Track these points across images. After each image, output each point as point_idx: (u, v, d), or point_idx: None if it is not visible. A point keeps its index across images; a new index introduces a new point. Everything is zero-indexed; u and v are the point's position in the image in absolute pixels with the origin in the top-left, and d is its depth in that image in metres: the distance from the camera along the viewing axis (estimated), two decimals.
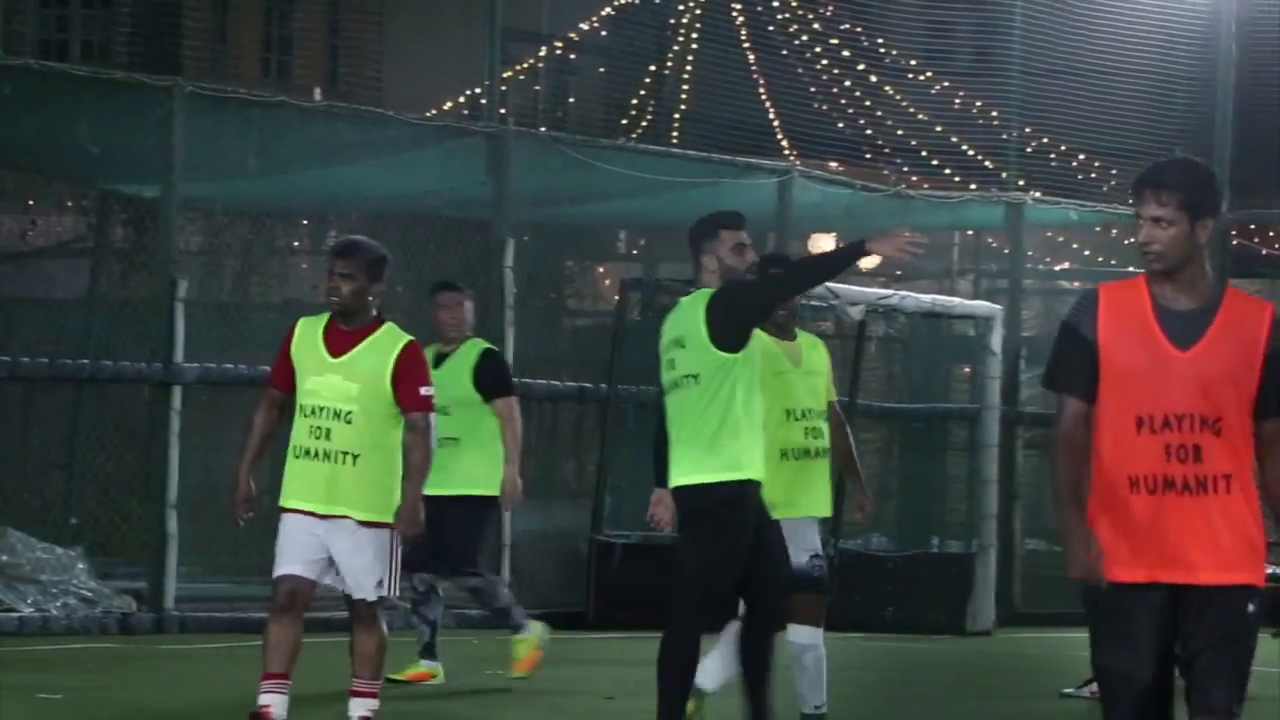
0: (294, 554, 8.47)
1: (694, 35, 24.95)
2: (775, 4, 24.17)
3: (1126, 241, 21.33)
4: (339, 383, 8.34)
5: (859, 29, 23.24)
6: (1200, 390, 5.74)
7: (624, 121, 24.99)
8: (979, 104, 21.88)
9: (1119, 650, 5.74)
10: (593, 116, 27.63)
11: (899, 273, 21.64)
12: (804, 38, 23.66)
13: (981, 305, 18.49)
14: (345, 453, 8.32)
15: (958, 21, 23.04)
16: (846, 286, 17.77)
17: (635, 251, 22.71)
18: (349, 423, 8.31)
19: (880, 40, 23.20)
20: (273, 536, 16.30)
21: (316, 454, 8.36)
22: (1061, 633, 16.04)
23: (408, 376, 8.37)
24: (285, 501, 8.51)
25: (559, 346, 18.32)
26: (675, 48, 25.12)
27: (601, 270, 21.75)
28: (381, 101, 26.02)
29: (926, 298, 17.89)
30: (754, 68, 23.87)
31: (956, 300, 18.82)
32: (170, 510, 14.25)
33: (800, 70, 23.47)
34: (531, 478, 17.64)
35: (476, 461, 11.26)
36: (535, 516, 16.82)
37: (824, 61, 23.41)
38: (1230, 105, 19.91)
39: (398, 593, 8.70)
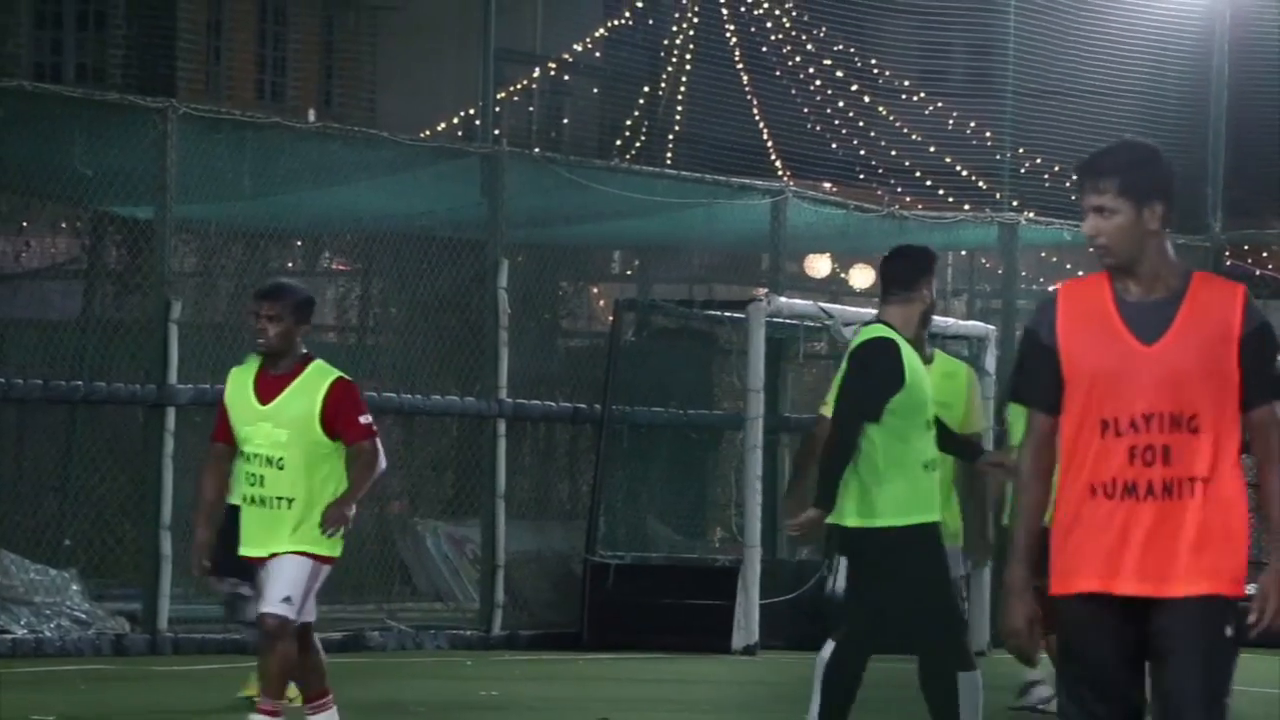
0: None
1: (688, 56, 24.99)
2: (769, 25, 24.22)
3: None
4: (269, 430, 8.36)
5: (852, 50, 23.29)
6: (1170, 387, 5.26)
7: (618, 142, 25.04)
8: (972, 125, 21.93)
9: (1082, 666, 5.30)
10: (587, 137, 27.68)
11: None
12: (797, 59, 23.70)
13: (975, 326, 18.51)
14: (280, 498, 8.36)
15: (951, 43, 23.10)
16: (840, 307, 17.79)
17: (629, 272, 22.73)
18: (281, 468, 8.34)
19: (874, 61, 23.25)
20: None
21: (255, 500, 8.40)
22: None
23: (341, 412, 8.37)
24: (243, 550, 8.55)
25: (553, 367, 18.32)
26: (669, 69, 25.16)
27: (596, 291, 21.77)
28: (375, 123, 26.06)
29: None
30: (748, 89, 23.91)
31: (950, 321, 18.83)
32: (164, 531, 14.25)
33: (794, 91, 23.51)
34: (527, 498, 17.68)
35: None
36: (530, 537, 16.83)
37: (818, 82, 23.46)
38: (1223, 125, 19.96)
39: (310, 618, 8.62)
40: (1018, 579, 5.30)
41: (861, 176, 23.06)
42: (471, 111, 23.53)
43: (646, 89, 25.30)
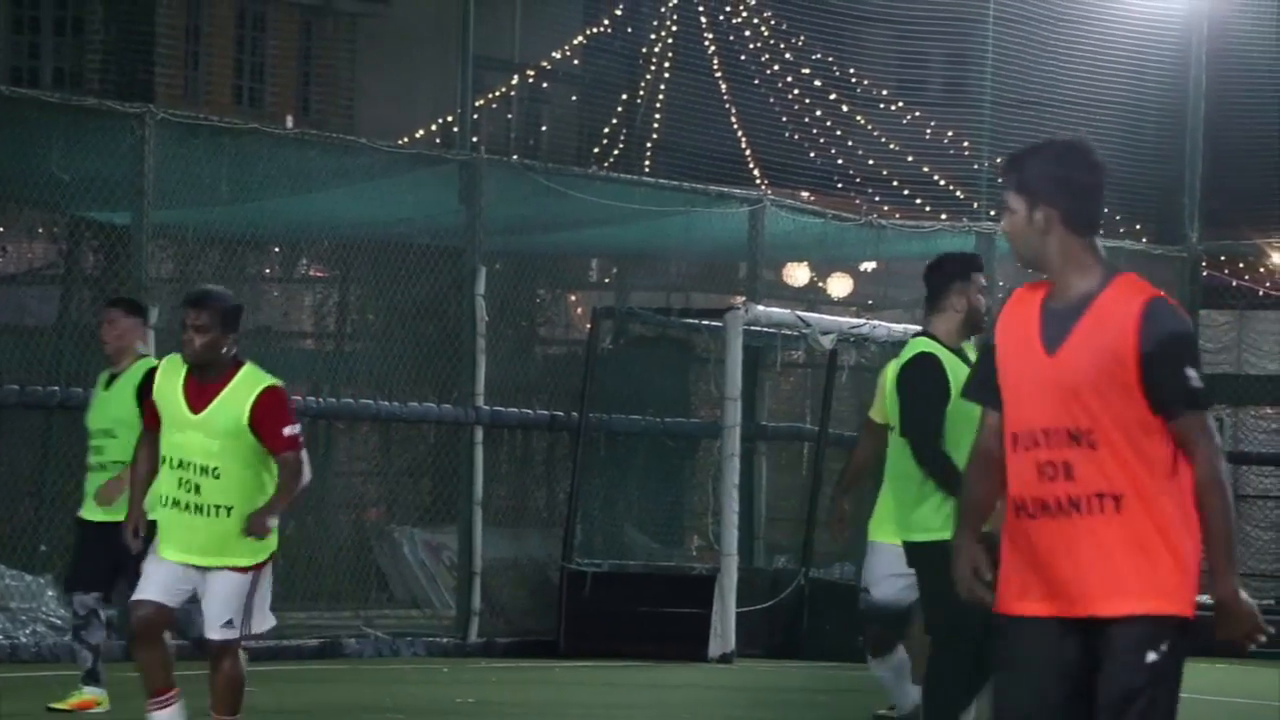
0: (158, 583, 8.34)
1: (666, 64, 25.01)
2: (748, 34, 24.24)
3: None
4: (201, 440, 8.23)
5: (831, 59, 23.33)
6: (1067, 399, 4.99)
7: (596, 150, 25.05)
8: (950, 134, 21.98)
9: (1014, 688, 5.09)
10: (565, 144, 27.70)
11: (870, 302, 21.69)
12: (776, 67, 23.73)
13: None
14: (218, 506, 8.23)
15: (929, 53, 23.15)
16: (818, 316, 17.81)
17: (607, 280, 22.75)
18: (217, 477, 8.22)
19: (852, 70, 23.29)
20: None
21: (188, 507, 8.24)
22: None
23: (266, 421, 8.22)
24: (163, 551, 8.35)
25: (531, 374, 18.32)
26: (647, 77, 25.18)
27: (574, 298, 21.78)
28: (353, 129, 26.05)
29: (898, 327, 17.93)
30: (726, 97, 23.93)
31: None
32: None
33: (772, 100, 23.55)
34: (504, 506, 17.67)
35: None
36: (507, 544, 16.83)
37: (796, 91, 23.49)
38: (1200, 137, 20.02)
39: (265, 626, 8.54)
40: (963, 536, 5.15)
41: (839, 185, 23.09)
42: (450, 119, 23.53)
43: (625, 97, 25.32)
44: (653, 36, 25.24)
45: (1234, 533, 5.10)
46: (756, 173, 23.15)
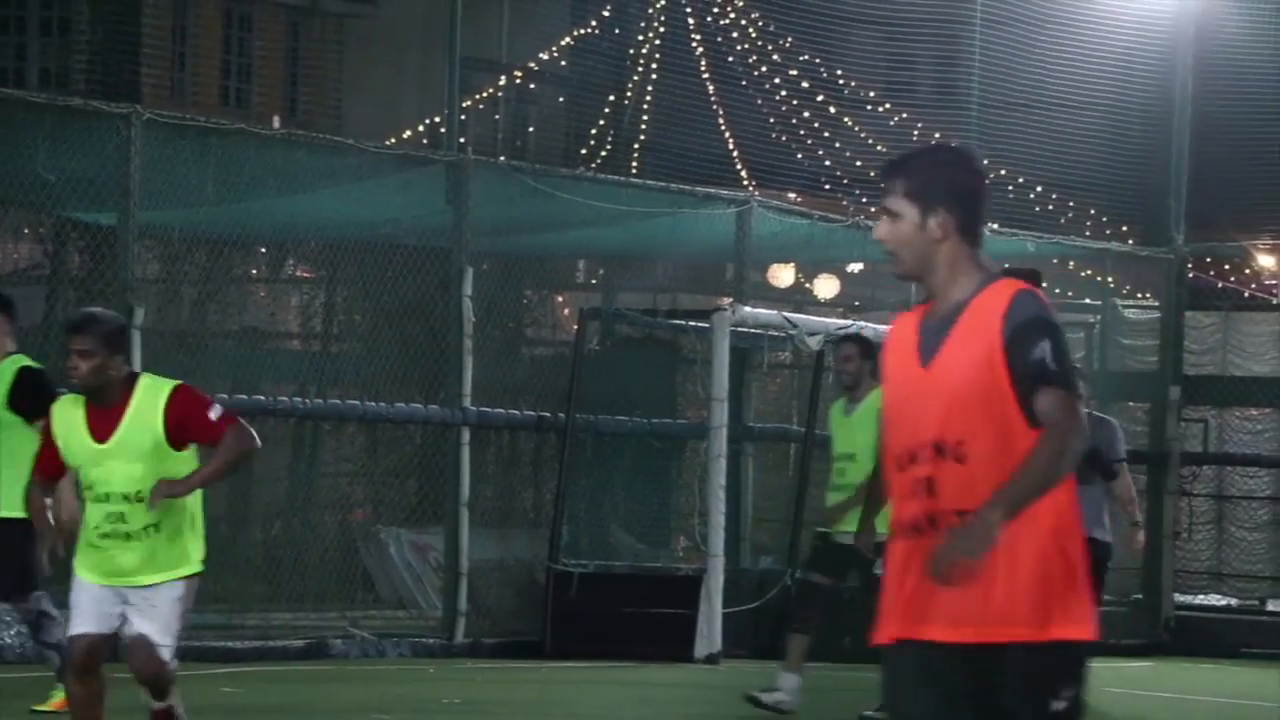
0: (91, 614, 8.02)
1: (653, 66, 25.02)
2: (735, 35, 24.25)
3: (1083, 274, 21.45)
4: (120, 467, 7.82)
5: (818, 60, 23.35)
6: (939, 411, 4.75)
7: (583, 151, 25.05)
8: (937, 136, 21.98)
9: (900, 713, 4.88)
10: (552, 146, 27.69)
11: (857, 303, 21.72)
12: (763, 69, 23.74)
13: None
14: (148, 526, 7.86)
15: (917, 54, 23.17)
16: (805, 317, 17.82)
17: (594, 281, 22.76)
18: (141, 500, 7.84)
19: (839, 72, 23.30)
20: (230, 566, 16.25)
21: (118, 535, 7.88)
22: None
23: (189, 420, 7.81)
24: (89, 577, 8.01)
25: (517, 375, 18.32)
26: (635, 78, 25.18)
27: (560, 299, 21.79)
28: (341, 130, 26.04)
29: (885, 328, 17.97)
30: (713, 98, 23.94)
31: None
32: None
33: (759, 101, 23.56)
34: (490, 507, 17.66)
35: (16, 483, 10.11)
36: (493, 545, 16.83)
37: (783, 93, 23.51)
38: (1186, 139, 20.05)
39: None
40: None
41: (827, 187, 23.11)
42: (437, 119, 23.53)
43: (612, 98, 25.32)
44: (640, 38, 25.25)
45: (1038, 484, 4.66)
46: (744, 174, 23.16)
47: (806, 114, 23.25)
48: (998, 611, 4.72)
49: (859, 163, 22.72)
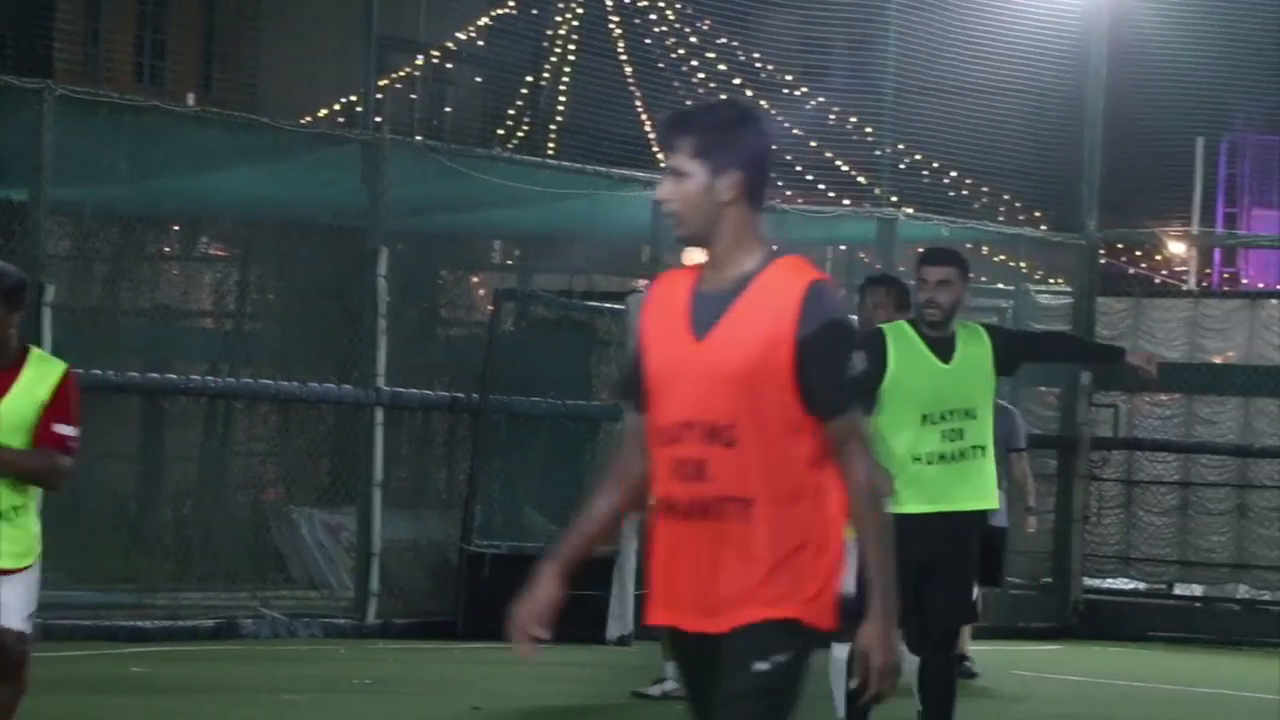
0: None
1: (571, 47, 24.99)
2: (653, 17, 24.25)
3: (996, 259, 21.56)
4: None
5: (735, 44, 23.37)
6: (711, 390, 4.47)
7: (500, 132, 25.00)
8: (853, 120, 22.05)
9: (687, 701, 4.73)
10: (469, 126, 27.61)
11: None
12: (680, 51, 23.75)
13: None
14: (15, 507, 7.29)
15: (833, 38, 23.19)
16: None
17: (510, 261, 22.72)
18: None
19: (756, 55, 23.33)
20: (140, 545, 16.13)
21: None
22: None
23: (59, 409, 7.27)
24: None
25: (432, 356, 18.27)
26: (552, 59, 25.15)
27: (476, 280, 21.73)
28: (256, 108, 25.89)
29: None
30: (630, 80, 23.93)
31: None
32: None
33: (677, 84, 23.56)
34: (404, 487, 17.63)
35: None
36: (406, 525, 16.79)
37: (700, 75, 23.52)
38: (1099, 127, 20.16)
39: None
40: (546, 567, 4.81)
41: None
42: (353, 98, 23.43)
43: (529, 79, 25.28)
44: (558, 19, 25.21)
45: (889, 561, 4.52)
46: (660, 157, 23.16)
47: (723, 97, 23.25)
48: (745, 598, 4.53)
49: (775, 146, 22.76)
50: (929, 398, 8.69)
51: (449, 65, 27.82)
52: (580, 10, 25.08)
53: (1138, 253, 22.56)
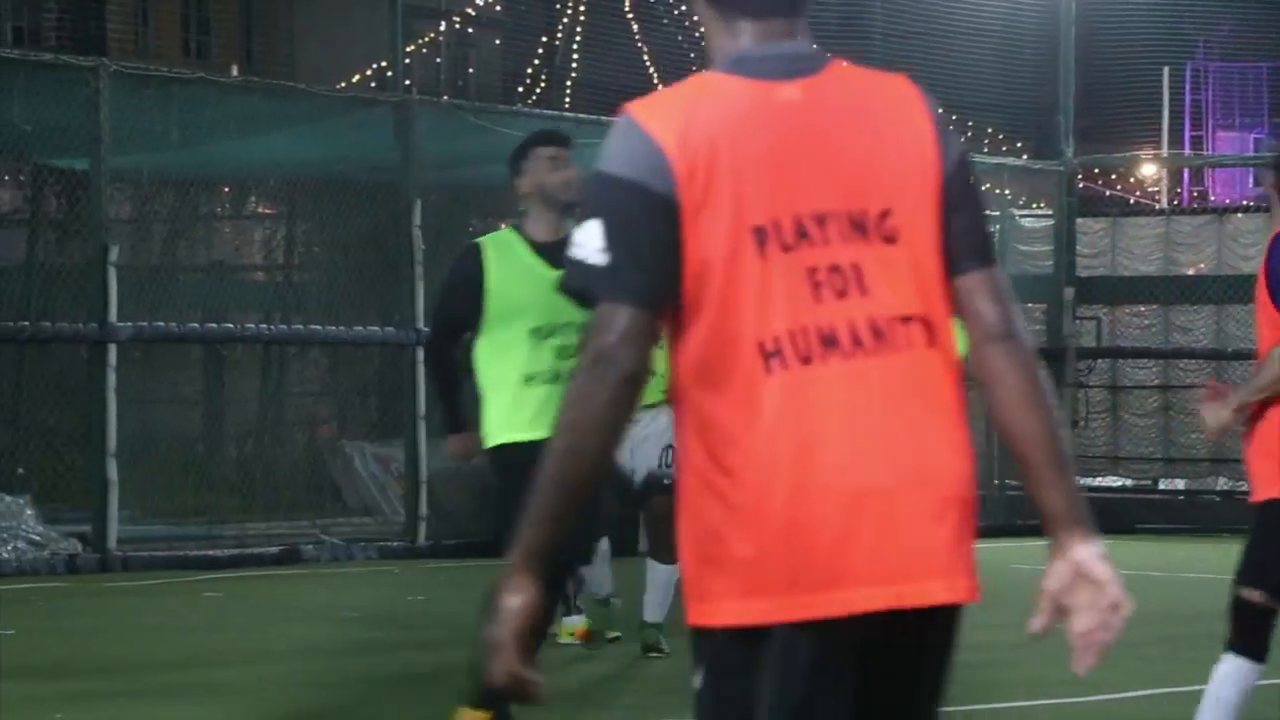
0: None
1: (582, 7, 24.95)
2: None
3: (983, 188, 21.55)
4: None
5: None
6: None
7: (520, 89, 24.98)
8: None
9: None
10: (491, 84, 27.60)
11: None
12: (683, 7, 23.70)
13: None
14: None
15: None
16: None
17: None
18: None
19: None
20: (208, 482, 16.25)
21: None
22: None
23: None
24: None
25: None
26: (565, 20, 25.10)
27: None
28: (294, 76, 25.90)
29: None
30: (638, 36, 23.90)
31: None
32: (110, 459, 14.21)
33: (680, 38, 23.53)
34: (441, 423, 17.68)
35: None
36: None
37: (702, 30, 23.51)
38: (1072, 60, 20.11)
39: None
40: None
41: None
42: (384, 64, 23.42)
43: (545, 39, 25.24)
44: None
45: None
46: None
47: None
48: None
49: None
50: None
51: (470, 30, 27.77)
52: None
53: (1113, 176, 22.53)
